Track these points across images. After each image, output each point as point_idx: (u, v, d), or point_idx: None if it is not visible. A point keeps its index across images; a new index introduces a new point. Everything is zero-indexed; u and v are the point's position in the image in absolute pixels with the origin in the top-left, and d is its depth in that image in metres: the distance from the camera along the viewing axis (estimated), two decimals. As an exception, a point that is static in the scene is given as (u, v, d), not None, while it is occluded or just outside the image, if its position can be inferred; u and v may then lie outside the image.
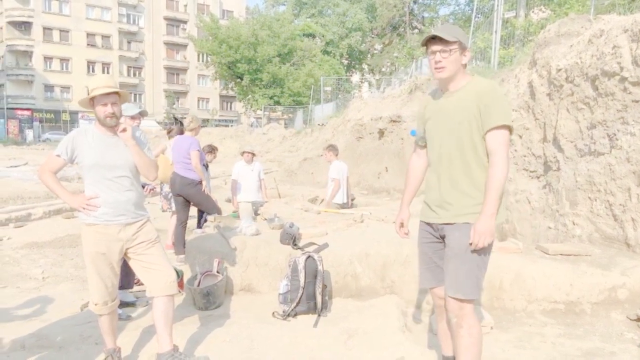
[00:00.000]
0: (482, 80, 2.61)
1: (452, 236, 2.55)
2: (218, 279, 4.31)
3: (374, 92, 25.97)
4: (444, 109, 2.62)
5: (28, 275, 5.48)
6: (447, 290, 2.54)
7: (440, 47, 2.51)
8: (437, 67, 2.54)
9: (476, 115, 2.50)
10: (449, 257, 2.56)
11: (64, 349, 3.45)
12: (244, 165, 7.65)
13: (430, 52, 2.56)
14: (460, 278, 2.50)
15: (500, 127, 2.46)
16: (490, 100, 2.47)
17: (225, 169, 18.28)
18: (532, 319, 4.06)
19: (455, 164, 2.56)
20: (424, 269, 2.79)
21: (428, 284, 2.79)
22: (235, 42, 35.77)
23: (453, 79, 2.57)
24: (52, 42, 52.28)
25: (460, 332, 2.52)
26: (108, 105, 2.95)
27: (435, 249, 2.71)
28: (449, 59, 2.51)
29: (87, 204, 2.96)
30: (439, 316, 2.81)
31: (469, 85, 2.57)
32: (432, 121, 2.69)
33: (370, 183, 12.31)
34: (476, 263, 2.51)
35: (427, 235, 2.74)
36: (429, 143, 2.72)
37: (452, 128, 2.56)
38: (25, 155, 24.01)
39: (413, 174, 2.91)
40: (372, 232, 5.18)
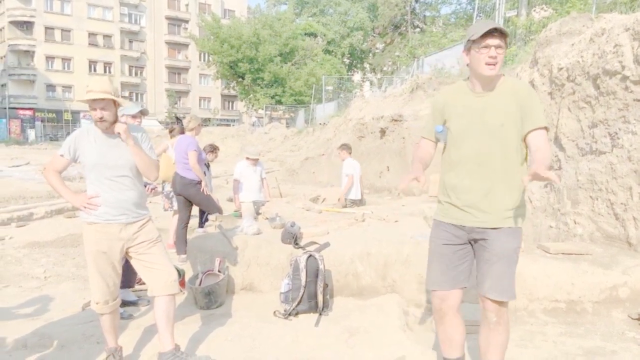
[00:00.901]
0: (515, 80, 2.60)
1: (497, 240, 2.51)
2: (219, 278, 4.32)
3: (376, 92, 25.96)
4: (482, 109, 2.53)
5: (30, 275, 5.49)
6: (489, 294, 2.52)
7: (498, 42, 2.43)
8: (491, 62, 2.44)
9: (516, 117, 2.47)
10: (492, 262, 2.52)
11: (65, 348, 3.46)
12: (246, 165, 7.65)
13: (483, 46, 2.43)
14: (505, 282, 2.51)
15: (543, 128, 2.46)
16: (531, 101, 2.47)
17: (227, 168, 18.30)
18: (533, 317, 4.06)
19: (496, 166, 2.51)
20: (438, 272, 2.67)
21: (439, 287, 2.67)
22: (236, 42, 35.75)
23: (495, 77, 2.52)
24: (54, 42, 52.35)
25: (499, 329, 2.56)
26: (97, 110, 2.96)
27: (457, 249, 2.63)
28: (502, 57, 2.45)
29: (89, 203, 2.98)
30: (438, 319, 2.75)
31: (504, 85, 2.53)
32: (464, 121, 2.57)
33: (371, 182, 12.30)
34: (515, 263, 2.55)
35: (448, 236, 2.64)
36: (457, 142, 2.60)
37: (494, 130, 2.49)
38: (27, 155, 24.07)
39: (423, 157, 2.74)
40: (374, 231, 5.18)
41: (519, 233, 2.55)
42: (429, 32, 31.36)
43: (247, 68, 36.44)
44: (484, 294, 2.55)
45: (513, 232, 2.52)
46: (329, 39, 41.60)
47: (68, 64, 53.49)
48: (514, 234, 2.52)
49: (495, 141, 2.50)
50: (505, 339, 2.59)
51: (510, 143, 2.50)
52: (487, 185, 2.52)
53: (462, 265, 2.64)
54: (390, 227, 5.39)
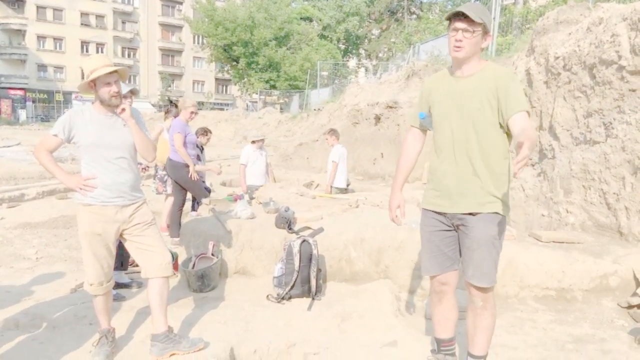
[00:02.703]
0: (499, 68, 2.55)
1: (476, 226, 2.50)
2: (213, 261, 4.32)
3: (371, 78, 25.85)
4: (458, 93, 2.52)
5: (22, 256, 5.47)
6: (472, 280, 2.54)
7: (464, 25, 2.42)
8: (456, 45, 2.45)
9: (493, 102, 2.44)
10: (472, 248, 2.53)
11: (57, 328, 3.46)
12: (253, 150, 7.65)
13: (452, 29, 2.46)
14: (486, 268, 2.51)
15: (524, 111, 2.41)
16: (511, 86, 2.42)
17: (221, 152, 18.25)
18: (524, 305, 4.10)
19: (473, 150, 2.49)
20: (429, 257, 2.72)
21: (433, 272, 2.72)
22: (231, 25, 35.40)
23: (468, 61, 2.49)
24: (45, 21, 51.53)
25: (485, 314, 2.60)
26: (112, 84, 2.92)
27: (444, 236, 2.65)
28: (470, 40, 2.43)
29: (84, 185, 2.94)
30: (436, 301, 2.80)
31: (485, 71, 2.50)
32: (444, 105, 2.58)
33: (365, 168, 12.32)
34: (497, 250, 2.55)
35: (435, 223, 2.66)
36: (439, 127, 2.61)
37: (469, 113, 2.48)
38: (18, 136, 23.81)
39: (408, 157, 2.81)
40: (367, 217, 5.19)
41: (499, 220, 2.52)
42: (426, 18, 31.20)
43: (242, 52, 36.14)
44: (468, 280, 2.59)
45: (492, 219, 2.49)
46: (324, 24, 41.32)
47: (60, 44, 52.72)
48: (493, 220, 2.50)
49: (472, 126, 2.49)
50: (491, 322, 2.63)
51: (489, 129, 2.47)
52: (464, 171, 2.51)
53: (450, 250, 2.67)
54: (384, 214, 5.37)
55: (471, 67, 2.52)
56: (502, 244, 2.59)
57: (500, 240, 2.56)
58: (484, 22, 2.42)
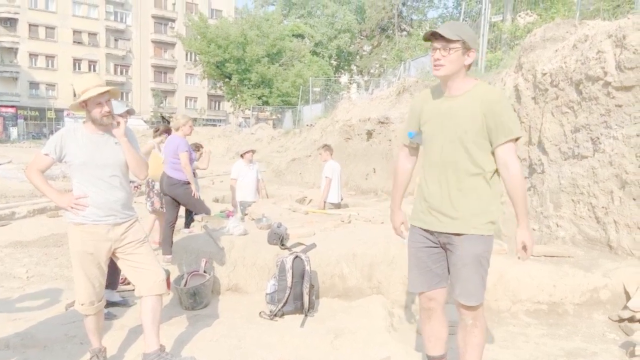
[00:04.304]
0: (488, 87, 2.53)
1: (461, 246, 2.50)
2: (205, 278, 4.30)
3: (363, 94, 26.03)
4: (448, 113, 2.51)
5: (12, 275, 5.42)
6: (459, 298, 2.54)
7: (441, 44, 2.42)
8: (435, 64, 2.46)
9: (482, 126, 2.43)
10: (458, 267, 2.53)
11: (48, 348, 3.43)
12: (244, 165, 7.68)
13: (432, 48, 2.47)
14: (473, 287, 2.51)
15: (512, 140, 2.42)
16: (501, 111, 2.41)
17: (214, 168, 18.22)
18: (516, 319, 4.11)
19: (460, 172, 2.49)
20: (416, 274, 2.71)
21: (420, 289, 2.72)
22: (224, 42, 35.63)
23: (453, 79, 2.48)
24: (37, 39, 51.62)
25: (475, 331, 2.59)
26: (104, 104, 2.94)
27: (431, 253, 2.65)
28: (448, 58, 2.42)
29: (76, 203, 2.94)
30: (425, 318, 2.79)
31: (475, 91, 2.47)
32: (433, 124, 2.57)
33: (358, 184, 12.36)
34: (484, 268, 2.55)
35: (422, 239, 2.66)
36: (428, 146, 2.61)
37: (458, 136, 2.46)
38: (9, 153, 23.68)
39: (402, 176, 2.83)
40: (360, 232, 5.21)
41: (484, 240, 2.52)
42: (416, 35, 31.51)
43: (234, 68, 36.33)
44: (455, 298, 2.58)
45: (478, 239, 2.49)
46: (316, 41, 41.71)
47: (52, 61, 52.78)
48: (479, 240, 2.50)
49: (459, 148, 2.48)
50: (481, 340, 2.61)
51: (477, 150, 2.46)
52: (451, 192, 2.51)
53: (438, 267, 2.65)
54: (376, 229, 5.41)
55: (458, 86, 2.50)
56: (489, 262, 2.58)
57: (488, 258, 2.56)
58: (462, 39, 2.40)
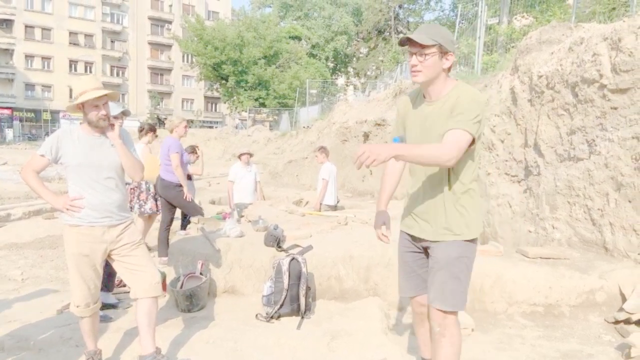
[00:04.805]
0: (465, 89, 2.40)
1: (438, 249, 2.47)
2: (201, 281, 4.29)
3: (359, 96, 26.07)
4: (425, 119, 2.45)
5: (7, 277, 5.39)
6: (432, 302, 2.47)
7: (416, 49, 2.34)
8: (412, 71, 2.39)
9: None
10: (434, 270, 2.48)
11: (43, 351, 3.41)
12: (241, 167, 7.68)
13: (409, 54, 2.39)
14: (446, 290, 2.43)
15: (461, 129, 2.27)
16: (463, 104, 2.31)
17: (210, 170, 18.20)
18: (512, 321, 4.12)
19: (437, 179, 2.46)
20: (403, 278, 2.70)
21: (408, 293, 2.70)
22: (220, 44, 35.63)
23: (433, 84, 2.41)
24: (33, 40, 51.48)
25: (443, 341, 2.47)
26: (101, 107, 2.93)
27: (416, 258, 2.64)
28: (425, 64, 2.34)
29: (71, 205, 2.92)
30: (418, 323, 2.78)
31: (451, 94, 2.39)
32: (413, 130, 2.53)
33: (354, 186, 12.37)
34: (463, 275, 2.46)
35: (408, 244, 2.66)
36: None
37: (435, 141, 2.36)
38: (5, 155, 23.60)
39: (390, 178, 2.76)
40: (356, 234, 5.21)
41: (462, 244, 2.44)
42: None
43: (231, 70, 36.33)
44: (429, 302, 2.50)
45: (453, 243, 2.44)
46: (313, 43, 41.78)
47: (48, 63, 52.65)
48: (454, 244, 2.44)
49: None
50: (451, 353, 2.46)
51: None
52: (431, 198, 2.48)
53: (424, 272, 2.62)
54: (373, 231, 5.40)
55: (437, 91, 2.43)
56: (469, 268, 2.50)
57: (467, 264, 2.48)
58: (437, 43, 2.31)
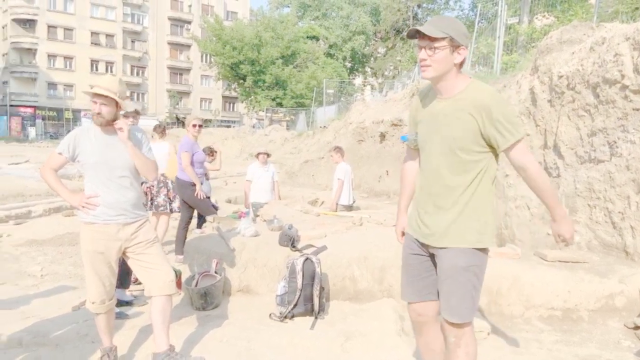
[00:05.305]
0: (481, 88, 2.27)
1: (444, 257, 2.32)
2: (216, 279, 4.31)
3: (377, 96, 25.97)
4: (438, 116, 2.33)
5: (27, 273, 5.49)
6: (442, 313, 2.36)
7: (426, 42, 2.21)
8: (421, 65, 2.26)
9: (475, 131, 2.22)
10: (441, 279, 2.35)
11: (60, 346, 3.46)
12: (258, 166, 7.72)
13: (417, 47, 2.25)
14: (455, 301, 2.30)
15: (520, 140, 2.22)
16: (498, 114, 2.18)
17: (227, 169, 18.31)
18: (529, 325, 4.06)
19: (446, 180, 2.31)
20: (407, 282, 2.54)
21: (410, 298, 2.54)
22: (238, 44, 35.82)
23: (443, 80, 2.28)
24: (56, 40, 52.41)
25: (458, 351, 2.36)
26: (97, 104, 2.96)
27: (422, 261, 2.48)
28: (435, 58, 2.21)
29: (87, 203, 2.97)
30: (417, 332, 2.63)
31: (466, 92, 2.26)
32: (424, 128, 2.40)
33: (371, 186, 12.32)
34: (472, 284, 2.31)
35: (414, 247, 2.49)
36: (421, 150, 2.45)
37: (447, 142, 2.28)
38: (27, 153, 24.05)
39: (408, 179, 2.67)
40: (371, 235, 5.18)
41: (471, 253, 2.30)
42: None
43: (249, 70, 36.49)
44: (440, 312, 2.40)
45: (461, 252, 2.29)
46: (330, 43, 41.72)
47: (70, 62, 53.55)
48: (463, 252, 2.29)
49: (447, 154, 2.29)
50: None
51: (470, 157, 2.26)
52: (436, 201, 2.35)
53: (428, 277, 2.47)
54: (388, 232, 5.38)
55: (449, 87, 2.29)
56: (480, 277, 2.35)
57: (477, 273, 2.33)
58: (449, 36, 2.18)
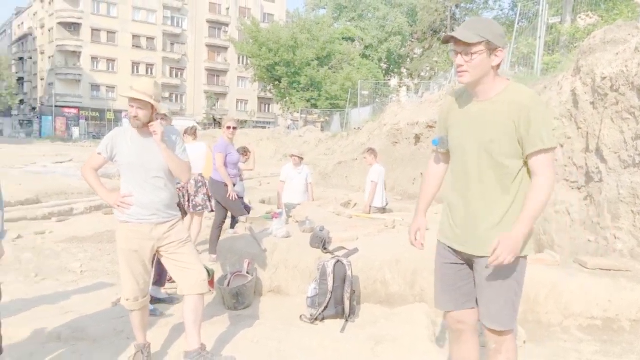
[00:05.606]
0: (520, 90, 2.22)
1: (483, 265, 2.26)
2: (248, 279, 4.35)
3: (412, 97, 25.73)
4: (474, 120, 2.27)
5: (67, 269, 5.67)
6: (483, 321, 2.33)
7: (462, 48, 2.17)
8: (458, 71, 2.22)
9: (512, 134, 2.17)
10: (481, 286, 2.31)
11: (97, 342, 3.55)
12: (291, 168, 7.78)
13: (453, 53, 2.22)
14: (496, 309, 2.27)
15: (547, 150, 2.15)
16: (533, 118, 2.12)
17: (261, 170, 18.47)
18: (567, 334, 3.92)
19: (483, 186, 2.25)
20: (442, 291, 2.49)
21: (446, 307, 2.49)
22: (274, 46, 36.13)
23: (481, 83, 2.22)
24: (99, 43, 54.21)
25: (499, 358, 2.33)
26: (134, 108, 3.02)
27: (457, 270, 2.42)
28: (472, 63, 2.16)
29: (121, 202, 3.04)
30: (454, 340, 2.58)
31: (504, 95, 2.20)
32: (458, 131, 2.34)
33: (404, 188, 12.20)
34: (513, 291, 2.28)
35: (448, 256, 2.44)
36: (453, 154, 2.40)
37: (483, 143, 2.22)
38: (71, 152, 24.90)
39: (430, 181, 2.61)
40: (404, 238, 5.09)
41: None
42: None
43: (284, 71, 36.74)
44: (480, 319, 2.36)
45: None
46: (366, 44, 41.53)
47: (112, 64, 55.28)
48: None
49: (486, 158, 2.23)
50: None
51: (506, 162, 2.20)
52: (475, 207, 2.28)
53: (465, 286, 2.42)
54: (421, 235, 5.31)
55: (487, 90, 2.24)
56: (521, 284, 2.32)
57: (518, 279, 2.29)
58: (485, 39, 2.13)
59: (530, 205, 2.17)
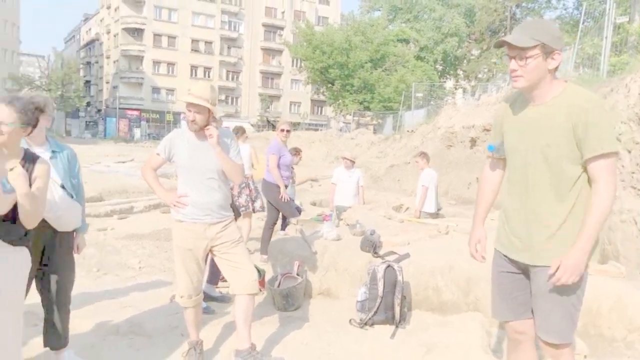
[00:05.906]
0: (578, 93, 2.12)
1: (541, 275, 2.19)
2: (297, 281, 4.38)
3: (469, 99, 25.13)
4: (529, 124, 2.20)
5: (126, 265, 5.90)
6: (539, 333, 2.25)
7: (516, 52, 2.11)
8: (512, 76, 2.16)
9: (569, 138, 2.08)
10: (537, 296, 2.23)
11: (153, 337, 3.68)
12: (343, 170, 7.80)
13: (507, 57, 2.16)
14: (553, 321, 2.19)
15: (608, 155, 2.05)
16: (592, 121, 2.03)
17: (312, 172, 18.58)
18: (632, 350, 3.69)
19: (541, 192, 2.18)
20: (499, 300, 2.43)
21: (503, 317, 2.44)
22: (328, 48, 36.26)
23: (537, 87, 2.15)
24: (160, 48, 56.35)
25: None
26: (191, 112, 3.09)
27: (514, 279, 2.35)
28: (527, 68, 2.09)
29: (177, 201, 3.14)
30: (512, 348, 2.51)
31: (561, 98, 2.12)
32: (514, 136, 2.28)
33: (459, 193, 11.93)
34: (572, 303, 2.18)
35: (504, 264, 2.37)
36: (510, 160, 2.33)
37: (541, 148, 2.15)
38: (133, 153, 25.97)
39: (487, 188, 2.54)
40: (457, 244, 4.98)
41: None
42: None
43: (338, 74, 36.80)
44: (536, 331, 2.29)
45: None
46: (421, 45, 40.94)
47: (172, 68, 57.31)
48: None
49: (543, 163, 2.15)
50: None
51: (564, 166, 2.12)
52: (532, 214, 2.20)
53: (522, 295, 2.34)
54: (476, 242, 5.16)
55: (543, 94, 2.17)
56: (580, 296, 2.21)
57: (576, 291, 2.18)
58: (540, 42, 2.05)
59: (590, 216, 2.08)
